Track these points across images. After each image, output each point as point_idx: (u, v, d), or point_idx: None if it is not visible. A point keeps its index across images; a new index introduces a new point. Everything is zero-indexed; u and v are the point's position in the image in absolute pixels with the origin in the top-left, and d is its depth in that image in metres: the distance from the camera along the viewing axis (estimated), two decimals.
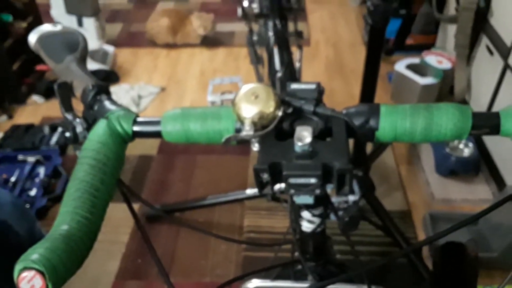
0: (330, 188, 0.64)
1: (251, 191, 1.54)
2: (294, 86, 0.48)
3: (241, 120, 0.44)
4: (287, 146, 0.43)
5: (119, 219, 1.56)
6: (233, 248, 1.50)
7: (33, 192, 1.65)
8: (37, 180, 1.70)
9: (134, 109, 2.10)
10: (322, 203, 0.60)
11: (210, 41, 2.55)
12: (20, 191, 1.65)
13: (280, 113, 0.45)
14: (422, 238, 1.48)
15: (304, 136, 0.42)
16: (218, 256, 1.48)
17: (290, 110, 0.47)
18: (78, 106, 0.53)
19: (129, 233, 1.55)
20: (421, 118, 0.45)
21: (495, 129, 0.45)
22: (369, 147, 1.66)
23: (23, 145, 1.85)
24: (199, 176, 1.78)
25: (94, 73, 2.38)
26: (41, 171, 1.75)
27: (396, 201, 1.61)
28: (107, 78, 2.26)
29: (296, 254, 0.70)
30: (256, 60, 1.49)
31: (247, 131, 0.44)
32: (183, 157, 1.86)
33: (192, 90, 2.25)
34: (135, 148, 1.87)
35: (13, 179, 1.69)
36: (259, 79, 1.47)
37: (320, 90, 0.48)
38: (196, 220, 1.60)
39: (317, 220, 0.62)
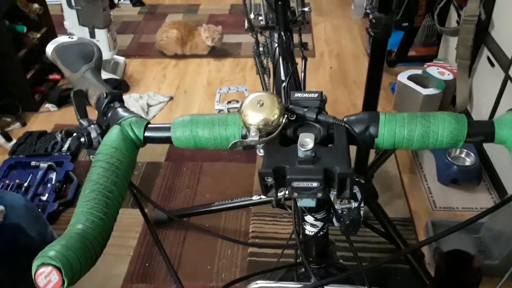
0: (333, 195, 0.68)
1: (256, 197, 1.57)
2: (298, 95, 0.51)
3: (247, 127, 0.48)
4: (291, 152, 0.46)
5: (127, 224, 1.62)
6: (238, 253, 1.53)
7: (45, 197, 1.70)
8: (49, 185, 1.75)
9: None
10: (324, 207, 0.64)
11: (218, 52, 2.61)
12: (32, 196, 1.70)
13: (284, 120, 0.48)
14: (424, 246, 1.50)
15: (307, 142, 0.45)
16: (224, 261, 1.51)
17: (293, 118, 0.50)
18: (92, 113, 0.56)
19: (137, 238, 1.59)
20: (418, 125, 0.48)
21: (490, 137, 0.48)
22: (372, 156, 1.69)
23: (36, 151, 1.91)
24: (205, 183, 1.82)
25: (105, 82, 2.45)
26: (53, 176, 1.80)
27: (399, 208, 1.64)
28: (118, 87, 2.32)
29: (300, 256, 0.74)
30: (262, 70, 1.54)
31: (253, 137, 0.47)
32: (190, 164, 1.90)
33: (200, 99, 2.30)
34: (144, 155, 1.92)
35: (26, 184, 1.74)
36: (265, 88, 1.51)
37: (322, 99, 0.51)
38: (203, 226, 1.63)
39: (319, 224, 0.65)
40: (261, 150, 0.48)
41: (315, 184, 0.45)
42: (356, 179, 1.51)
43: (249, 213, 1.66)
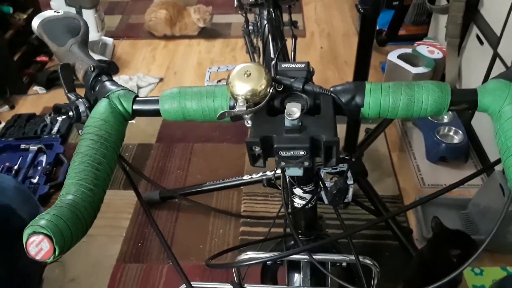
0: (323, 172, 0.68)
1: (247, 177, 1.58)
2: (285, 65, 0.51)
3: (234, 97, 0.48)
4: (278, 121, 0.46)
5: (119, 205, 1.63)
6: (230, 232, 1.55)
7: (35, 180, 1.69)
8: (39, 168, 1.75)
9: None
10: (313, 180, 0.65)
11: (208, 32, 2.59)
12: (23, 179, 1.69)
13: (271, 91, 0.48)
14: (412, 221, 1.53)
15: (293, 111, 0.45)
16: (216, 240, 1.53)
17: (281, 88, 0.50)
18: (80, 88, 0.56)
19: (129, 219, 1.60)
20: (403, 94, 0.48)
21: (473, 105, 0.48)
22: (361, 135, 1.70)
23: (25, 134, 1.89)
24: (196, 164, 1.82)
25: None
26: (43, 159, 1.79)
27: (388, 186, 1.66)
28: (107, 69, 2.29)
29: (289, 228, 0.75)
30: (251, 49, 1.53)
31: (240, 107, 0.47)
32: (181, 145, 1.90)
33: (190, 80, 2.29)
34: (135, 137, 1.91)
35: (16, 167, 1.74)
36: None
37: (309, 70, 0.51)
38: (194, 206, 1.64)
39: (308, 196, 0.66)
40: (249, 121, 0.49)
41: (302, 153, 0.45)
42: (345, 157, 1.52)
43: (240, 193, 1.67)
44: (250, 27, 1.48)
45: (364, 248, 1.47)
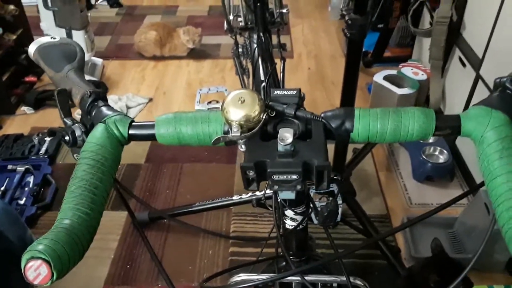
0: (313, 192, 0.70)
1: (237, 197, 1.59)
2: (277, 92, 0.53)
3: (229, 123, 0.49)
4: (271, 146, 0.48)
5: (108, 226, 1.62)
6: (220, 253, 1.54)
7: (22, 201, 1.67)
8: (26, 189, 1.73)
9: None
10: (303, 202, 0.66)
11: (197, 53, 2.62)
12: (9, 200, 1.67)
13: (264, 116, 0.49)
14: (400, 240, 1.55)
15: (286, 137, 0.47)
16: (206, 261, 1.52)
17: (273, 114, 0.52)
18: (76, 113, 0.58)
19: (117, 240, 1.58)
20: (390, 120, 0.51)
21: (456, 130, 0.50)
22: (349, 155, 1.73)
23: (12, 155, 1.88)
24: (186, 184, 1.82)
25: None
26: (31, 180, 1.77)
27: (376, 205, 1.68)
28: None
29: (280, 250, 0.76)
30: (241, 71, 1.56)
31: (235, 132, 0.48)
32: (171, 166, 1.90)
33: (179, 100, 2.30)
34: (124, 157, 1.88)
35: (2, 188, 1.72)
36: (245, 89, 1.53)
37: (300, 96, 0.53)
38: (185, 224, 1.64)
39: (299, 218, 0.67)
40: (243, 146, 0.50)
41: (294, 177, 0.47)
42: (335, 177, 1.54)
43: (230, 213, 1.68)
44: (240, 50, 1.51)
45: (354, 267, 1.48)
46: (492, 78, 0.52)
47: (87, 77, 2.27)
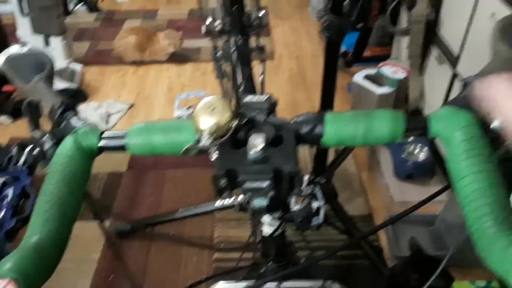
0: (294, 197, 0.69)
1: (220, 203, 1.57)
2: (248, 98, 0.53)
3: (199, 131, 0.49)
4: (242, 154, 0.48)
5: (89, 238, 1.58)
6: (204, 259, 1.53)
7: (1, 214, 1.63)
8: (5, 201, 1.69)
9: (103, 126, 2.11)
10: (280, 207, 0.66)
11: (178, 57, 2.60)
12: None
13: (235, 124, 0.49)
14: (383, 240, 1.55)
15: (256, 144, 0.47)
16: (190, 268, 1.51)
17: (244, 121, 0.51)
18: (46, 125, 0.56)
19: (100, 251, 1.56)
20: (361, 123, 0.50)
21: (425, 131, 0.51)
22: (331, 156, 1.73)
23: None
24: (169, 191, 1.81)
25: (62, 91, 2.37)
26: (10, 192, 1.74)
27: (359, 205, 1.69)
28: (75, 96, 2.27)
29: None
30: (221, 74, 1.55)
31: (205, 141, 0.48)
32: (153, 173, 1.88)
33: (161, 105, 2.28)
34: (105, 166, 1.89)
35: None
36: (224, 92, 1.52)
37: (271, 102, 0.53)
38: (167, 234, 1.62)
39: (276, 223, 0.67)
40: (214, 154, 0.50)
41: (266, 183, 0.47)
42: (316, 179, 1.54)
43: (213, 219, 1.67)
44: (219, 53, 1.50)
45: (338, 268, 1.48)
46: (469, 75, 0.52)
47: (67, 84, 2.26)
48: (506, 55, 0.52)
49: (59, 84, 2.27)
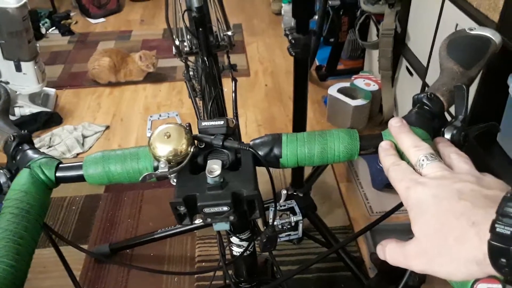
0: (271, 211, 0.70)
1: (199, 221, 1.57)
2: (205, 123, 0.53)
3: (156, 159, 0.49)
4: (201, 179, 0.48)
5: (69, 262, 1.56)
6: (185, 279, 1.52)
7: None
8: None
9: (78, 149, 2.09)
10: (248, 227, 0.66)
11: (153, 77, 2.60)
12: None
13: (192, 149, 0.49)
14: (364, 251, 1.56)
15: (214, 168, 0.47)
16: None
17: (203, 145, 0.52)
18: (2, 158, 0.54)
19: (78, 275, 1.53)
20: (317, 144, 0.51)
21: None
22: (308, 169, 1.74)
23: None
24: (148, 211, 1.79)
25: (36, 115, 2.31)
26: None
27: (339, 217, 1.70)
28: (50, 120, 2.24)
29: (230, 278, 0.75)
30: (193, 94, 1.55)
31: (162, 168, 0.48)
32: (131, 193, 1.87)
33: (137, 126, 2.27)
34: (81, 189, 1.86)
35: None
36: (197, 112, 1.53)
37: (228, 125, 0.53)
38: (148, 255, 1.61)
39: (245, 243, 0.67)
40: (174, 180, 0.50)
41: (225, 208, 0.46)
42: (294, 193, 1.55)
43: (194, 237, 1.66)
44: (191, 73, 1.51)
45: (319, 281, 1.48)
46: None
47: (40, 109, 2.22)
48: (452, 71, 0.54)
49: (32, 108, 2.24)
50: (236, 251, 0.68)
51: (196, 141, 0.51)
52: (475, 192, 0.37)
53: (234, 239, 0.67)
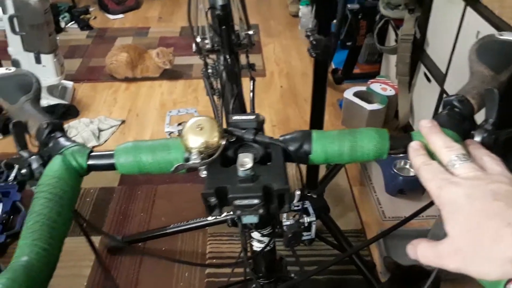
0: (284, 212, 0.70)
1: (212, 218, 1.58)
2: (236, 117, 0.53)
3: (188, 150, 0.49)
4: (232, 172, 0.48)
5: (80, 253, 1.56)
6: (196, 275, 1.53)
7: None
8: None
9: (94, 142, 2.11)
10: (270, 223, 0.66)
11: (169, 73, 2.62)
12: None
13: (223, 142, 0.50)
14: (376, 255, 1.56)
15: (246, 162, 0.47)
16: (182, 284, 1.50)
17: (233, 139, 0.52)
18: (34, 144, 0.55)
19: (90, 266, 1.55)
20: (346, 141, 0.51)
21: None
22: (322, 171, 1.74)
23: None
24: (161, 206, 1.80)
25: (53, 107, 2.35)
26: None
27: (351, 220, 1.70)
28: (67, 113, 2.27)
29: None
30: (211, 91, 1.56)
31: (194, 160, 0.48)
32: (145, 188, 1.88)
33: (152, 122, 2.29)
34: (96, 181, 1.88)
35: None
36: (215, 110, 1.53)
37: (259, 120, 0.53)
38: (159, 249, 1.62)
39: (266, 239, 0.67)
40: (204, 172, 0.50)
41: (255, 201, 0.47)
42: (308, 194, 1.55)
43: (205, 234, 1.67)
44: (209, 70, 1.52)
45: (330, 283, 1.48)
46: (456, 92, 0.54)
47: (58, 101, 2.26)
48: (483, 75, 0.54)
49: (50, 100, 2.27)
50: (257, 246, 0.69)
51: (226, 135, 0.52)
52: (509, 193, 0.37)
53: (255, 234, 0.67)
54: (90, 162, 0.53)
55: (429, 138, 0.47)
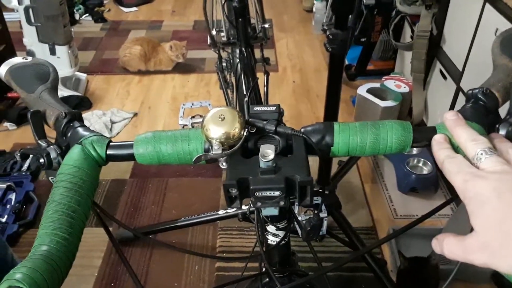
0: (297, 207, 0.69)
1: (223, 212, 1.58)
2: (257, 108, 0.53)
3: (209, 141, 0.49)
4: (253, 163, 0.48)
5: (91, 244, 1.59)
6: (206, 268, 1.53)
7: (4, 219, 1.64)
8: (8, 206, 1.70)
9: (106, 134, 2.12)
10: (285, 216, 0.66)
11: (182, 67, 2.62)
12: None
13: (245, 133, 0.49)
14: (387, 253, 1.55)
15: (267, 153, 0.46)
16: (192, 277, 1.50)
17: (254, 130, 0.51)
18: (51, 134, 0.55)
19: (101, 257, 1.56)
20: (369, 133, 0.51)
21: None
22: (334, 167, 1.73)
23: None
24: (171, 199, 1.81)
25: (67, 99, 2.37)
26: (13, 197, 1.74)
27: (362, 217, 1.69)
28: (80, 104, 2.28)
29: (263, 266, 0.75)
30: (225, 85, 1.56)
31: (216, 150, 0.48)
32: (156, 181, 1.89)
33: (164, 115, 2.30)
34: (108, 173, 1.89)
35: None
36: (228, 103, 1.53)
37: (280, 111, 0.53)
38: (170, 242, 1.62)
39: (281, 233, 0.67)
40: (224, 163, 0.50)
41: (277, 193, 0.46)
42: (320, 190, 1.54)
43: (215, 228, 1.67)
44: (224, 64, 1.52)
45: (340, 280, 1.48)
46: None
47: (71, 92, 2.27)
48: (507, 68, 0.53)
49: (64, 92, 2.29)
50: (272, 240, 0.68)
51: (248, 126, 0.51)
52: None
53: (270, 228, 0.67)
54: (109, 152, 0.53)
55: (454, 131, 0.46)
